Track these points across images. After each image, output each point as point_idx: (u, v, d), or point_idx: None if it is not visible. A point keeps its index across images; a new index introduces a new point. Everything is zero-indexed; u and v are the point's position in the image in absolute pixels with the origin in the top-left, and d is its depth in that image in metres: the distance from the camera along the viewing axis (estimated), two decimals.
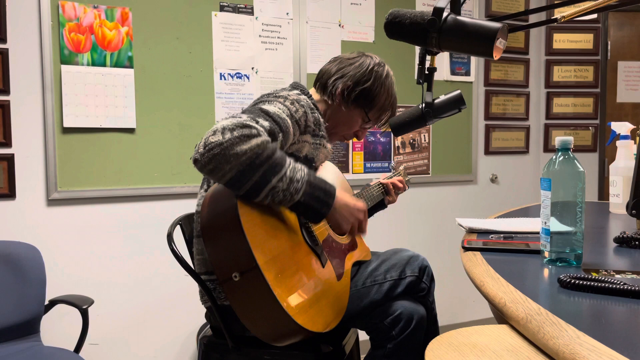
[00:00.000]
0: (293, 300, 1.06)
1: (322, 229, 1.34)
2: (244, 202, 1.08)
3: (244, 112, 1.17)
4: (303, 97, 1.34)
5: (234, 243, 1.04)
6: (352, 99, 1.45)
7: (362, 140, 2.89)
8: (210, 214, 1.10)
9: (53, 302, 1.92)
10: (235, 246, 1.04)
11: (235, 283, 1.03)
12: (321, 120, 1.40)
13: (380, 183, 1.68)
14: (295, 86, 1.46)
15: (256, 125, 1.08)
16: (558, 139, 1.01)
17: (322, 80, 1.49)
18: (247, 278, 1.03)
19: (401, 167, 1.85)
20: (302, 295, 1.10)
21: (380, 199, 1.67)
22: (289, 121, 1.22)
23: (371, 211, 1.69)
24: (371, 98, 1.46)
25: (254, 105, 1.24)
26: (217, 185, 1.14)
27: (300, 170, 1.12)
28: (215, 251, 1.08)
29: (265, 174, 1.05)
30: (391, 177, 1.74)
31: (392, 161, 2.95)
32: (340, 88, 1.44)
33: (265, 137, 1.08)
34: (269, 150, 1.07)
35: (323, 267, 1.25)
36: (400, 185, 1.70)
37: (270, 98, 1.27)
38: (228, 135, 1.03)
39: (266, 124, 1.13)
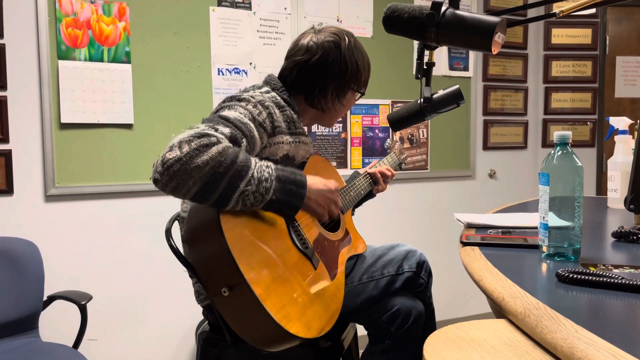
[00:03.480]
0: (285, 311, 1.05)
1: (312, 229, 1.31)
2: (227, 213, 1.05)
3: (203, 121, 1.12)
4: (269, 95, 1.29)
5: (219, 258, 1.02)
6: (344, 94, 1.43)
7: (361, 136, 2.89)
8: (193, 227, 1.08)
9: (51, 298, 1.92)
10: (221, 261, 1.02)
11: (225, 298, 1.02)
12: (294, 116, 1.34)
13: (368, 173, 1.67)
14: (267, 81, 1.40)
15: (215, 133, 1.04)
16: (556, 133, 1.01)
17: (308, 96, 1.42)
18: (236, 292, 1.01)
19: (396, 147, 1.83)
20: (294, 304, 1.09)
21: (369, 190, 1.67)
22: (252, 125, 1.17)
23: (360, 201, 1.68)
24: (355, 77, 1.42)
25: (215, 112, 1.19)
26: None
27: (267, 168, 1.08)
28: (202, 266, 1.06)
29: (231, 180, 1.01)
30: (383, 161, 1.73)
31: (388, 141, 2.92)
32: (330, 99, 1.41)
33: (225, 143, 1.03)
34: (231, 155, 1.02)
35: (315, 269, 1.22)
36: (389, 173, 1.68)
37: (233, 102, 1.22)
38: (186, 149, 0.98)
39: (227, 130, 1.08)
